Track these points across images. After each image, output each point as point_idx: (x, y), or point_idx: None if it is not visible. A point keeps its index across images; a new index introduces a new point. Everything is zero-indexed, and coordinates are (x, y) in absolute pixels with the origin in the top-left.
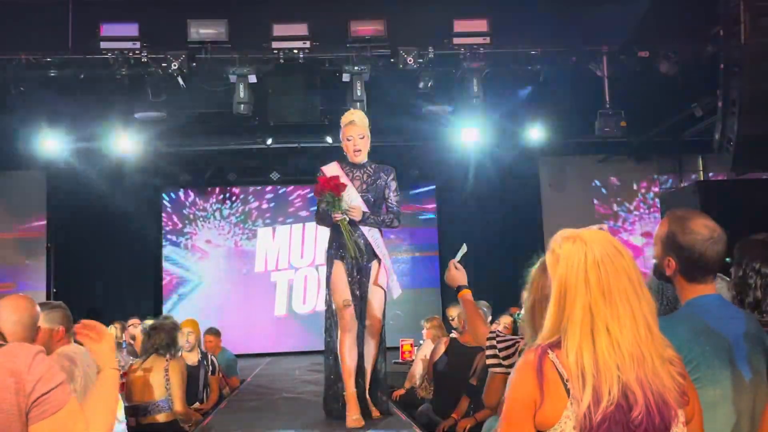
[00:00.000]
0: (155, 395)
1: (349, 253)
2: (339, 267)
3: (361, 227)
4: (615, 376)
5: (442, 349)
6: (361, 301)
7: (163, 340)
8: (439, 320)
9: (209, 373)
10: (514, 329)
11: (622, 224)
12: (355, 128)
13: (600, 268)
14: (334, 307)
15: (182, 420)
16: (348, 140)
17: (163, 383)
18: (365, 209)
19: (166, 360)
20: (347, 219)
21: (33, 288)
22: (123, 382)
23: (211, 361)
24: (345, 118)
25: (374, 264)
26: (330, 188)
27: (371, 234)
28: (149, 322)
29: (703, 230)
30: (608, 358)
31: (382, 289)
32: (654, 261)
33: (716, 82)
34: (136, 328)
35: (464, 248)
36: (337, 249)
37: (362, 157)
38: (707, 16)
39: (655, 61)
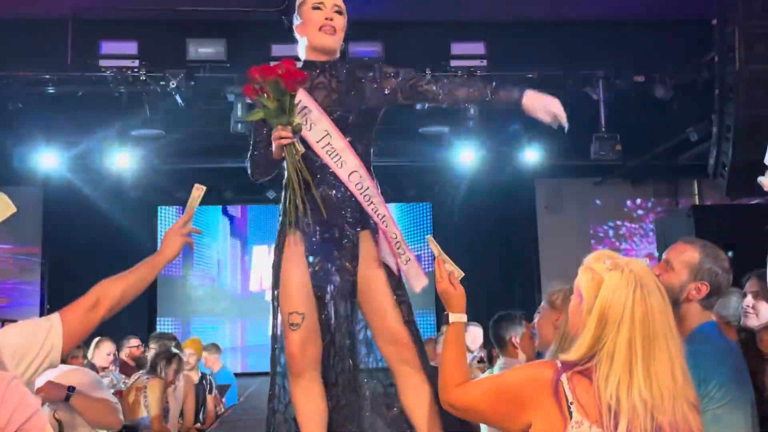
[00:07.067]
0: (138, 413)
1: (298, 220)
2: (294, 244)
3: (335, 169)
4: (650, 415)
5: None
6: (345, 306)
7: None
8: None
9: (207, 393)
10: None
11: (619, 247)
12: None
13: (646, 305)
14: (279, 329)
15: None
16: (315, 8)
17: (142, 401)
18: (340, 139)
19: (146, 378)
20: (301, 149)
21: (27, 304)
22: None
23: (209, 380)
24: None
25: (365, 235)
26: (281, 76)
27: (354, 179)
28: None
29: (727, 262)
30: (646, 396)
31: (390, 273)
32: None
33: (711, 108)
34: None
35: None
36: (290, 213)
37: (336, 42)
38: (703, 43)
39: (650, 85)
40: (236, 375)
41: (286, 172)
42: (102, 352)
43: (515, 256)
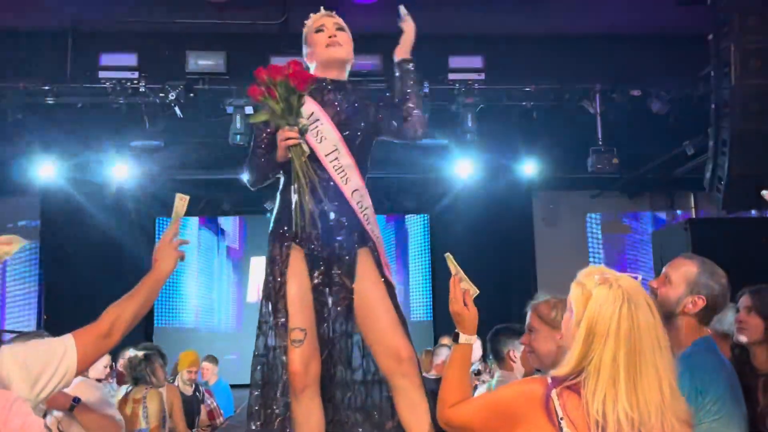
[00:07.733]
0: (136, 425)
1: (305, 225)
2: (297, 257)
3: (338, 183)
4: (637, 431)
5: None
6: (343, 322)
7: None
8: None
9: (201, 403)
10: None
11: (615, 260)
12: (330, 18)
13: (633, 320)
14: (272, 339)
15: None
16: (318, 31)
17: (141, 413)
18: (348, 157)
19: (145, 389)
20: (307, 150)
21: (24, 315)
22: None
23: (202, 391)
24: (313, 17)
25: (363, 252)
26: (289, 76)
27: (356, 197)
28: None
29: (725, 279)
30: (631, 412)
31: (390, 289)
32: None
33: (707, 122)
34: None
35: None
36: (290, 222)
37: (345, 52)
38: (698, 58)
39: (647, 99)
40: (232, 386)
41: (282, 180)
42: (98, 364)
43: (512, 269)
